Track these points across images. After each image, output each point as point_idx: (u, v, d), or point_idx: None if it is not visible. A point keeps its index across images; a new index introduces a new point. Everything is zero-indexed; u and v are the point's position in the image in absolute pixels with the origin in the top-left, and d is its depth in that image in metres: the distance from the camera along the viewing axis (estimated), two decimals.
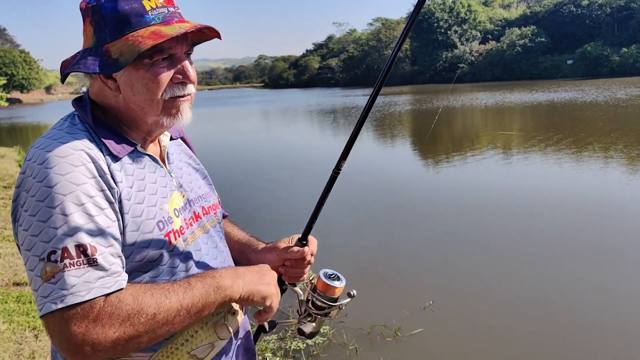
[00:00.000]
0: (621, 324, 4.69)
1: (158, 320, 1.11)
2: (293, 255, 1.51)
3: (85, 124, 1.23)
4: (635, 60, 61.35)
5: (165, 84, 1.23)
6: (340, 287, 1.46)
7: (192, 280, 1.19)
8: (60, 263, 1.06)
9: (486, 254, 6.60)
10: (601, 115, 22.03)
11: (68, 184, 1.10)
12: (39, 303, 1.06)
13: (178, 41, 1.23)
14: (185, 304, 1.15)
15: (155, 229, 1.22)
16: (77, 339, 1.05)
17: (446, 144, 17.66)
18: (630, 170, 11.07)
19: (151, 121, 1.27)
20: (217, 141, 20.43)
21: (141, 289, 1.12)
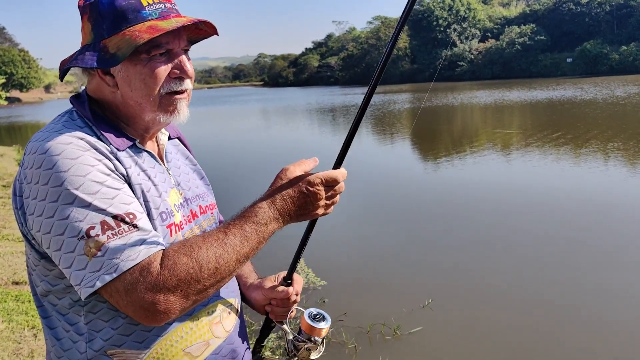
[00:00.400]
0: (622, 323, 4.69)
1: (220, 272, 1.15)
2: (277, 295, 1.49)
3: (84, 119, 1.24)
4: (634, 58, 61.31)
5: (163, 78, 1.23)
6: (325, 327, 1.44)
7: (247, 227, 1.20)
8: (102, 236, 1.08)
9: (485, 252, 6.60)
10: (600, 113, 22.03)
11: (83, 165, 1.12)
12: (91, 279, 1.07)
13: (175, 36, 1.24)
14: (243, 253, 1.18)
15: (159, 219, 1.23)
16: (147, 301, 1.08)
17: (445, 142, 17.66)
18: (630, 168, 11.07)
19: (148, 118, 1.27)
20: (215, 140, 20.41)
21: (194, 245, 1.14)
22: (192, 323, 1.28)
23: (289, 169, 1.30)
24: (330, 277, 5.91)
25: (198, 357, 1.28)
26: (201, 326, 1.30)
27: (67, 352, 1.22)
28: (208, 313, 1.32)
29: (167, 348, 1.24)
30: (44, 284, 1.22)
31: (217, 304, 1.35)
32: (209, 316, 1.32)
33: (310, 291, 5.57)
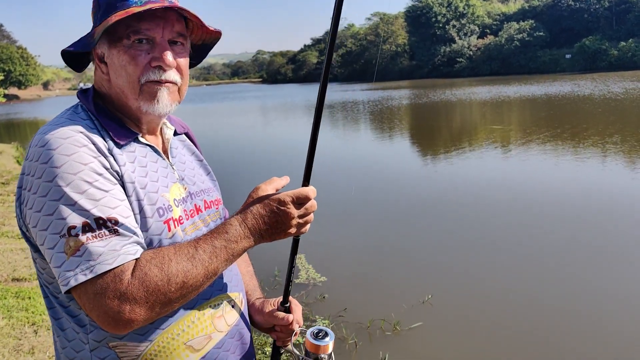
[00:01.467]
0: (620, 322, 4.71)
1: (187, 287, 1.14)
2: (279, 321, 1.51)
3: (88, 112, 1.26)
4: (633, 54, 61.34)
5: (141, 66, 1.24)
6: (329, 343, 1.45)
7: (217, 243, 1.19)
8: (82, 236, 1.08)
9: (484, 248, 6.61)
10: (598, 108, 22.04)
11: (75, 163, 1.13)
12: (65, 277, 1.08)
13: (158, 24, 1.25)
14: (211, 269, 1.17)
15: (155, 214, 1.23)
16: (113, 309, 1.08)
17: (444, 138, 17.67)
18: (631, 164, 11.08)
19: (134, 106, 1.28)
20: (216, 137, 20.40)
21: (165, 257, 1.14)
22: (194, 316, 1.28)
23: (260, 187, 1.30)
24: (330, 274, 5.92)
25: (199, 350, 1.28)
26: (203, 320, 1.30)
27: (71, 342, 1.23)
28: (211, 307, 1.32)
29: (169, 341, 1.24)
30: (44, 277, 1.24)
31: (220, 298, 1.35)
32: (212, 310, 1.32)
33: (310, 287, 5.58)
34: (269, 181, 1.32)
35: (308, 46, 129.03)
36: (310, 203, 1.31)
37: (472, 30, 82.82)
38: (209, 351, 1.30)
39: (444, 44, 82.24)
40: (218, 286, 1.36)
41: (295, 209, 1.27)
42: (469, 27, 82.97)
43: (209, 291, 1.32)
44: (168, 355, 1.24)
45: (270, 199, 1.26)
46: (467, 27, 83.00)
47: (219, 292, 1.36)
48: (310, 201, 1.31)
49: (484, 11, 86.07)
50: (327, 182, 11.15)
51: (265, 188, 1.30)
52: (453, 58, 79.14)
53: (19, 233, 6.96)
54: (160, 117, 1.35)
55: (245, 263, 1.67)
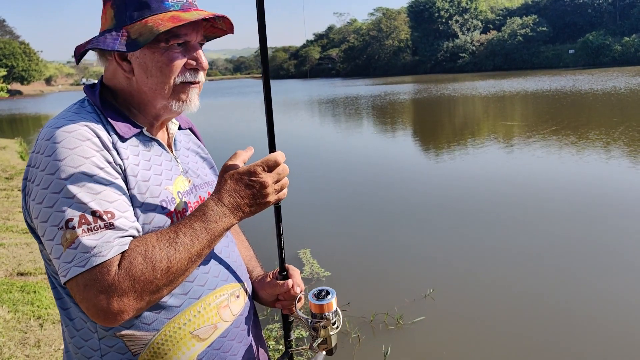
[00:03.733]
0: (621, 318, 4.72)
1: (172, 272, 1.15)
2: (280, 290, 1.52)
3: (94, 106, 1.29)
4: (637, 49, 61.08)
5: (179, 68, 1.28)
6: (332, 301, 1.47)
7: (196, 225, 1.19)
8: (78, 229, 1.10)
9: (486, 242, 6.63)
10: (601, 103, 22.00)
11: (77, 157, 1.15)
12: (64, 269, 1.11)
13: (194, 29, 1.29)
14: (194, 251, 1.18)
15: (158, 207, 1.25)
16: (101, 302, 1.09)
17: (447, 133, 17.66)
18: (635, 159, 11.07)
19: (160, 105, 1.32)
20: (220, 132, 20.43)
21: (148, 245, 1.15)
22: (200, 306, 1.30)
23: (227, 164, 1.30)
24: (334, 268, 5.94)
25: (206, 340, 1.31)
26: (209, 309, 1.32)
27: (79, 331, 1.26)
28: (216, 297, 1.35)
29: (175, 330, 1.26)
30: (52, 267, 1.25)
31: (225, 288, 1.38)
32: (217, 300, 1.35)
33: (314, 282, 5.60)
34: (233, 156, 1.31)
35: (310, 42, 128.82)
36: (281, 167, 1.30)
37: (475, 26, 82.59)
38: (214, 340, 1.33)
39: (446, 39, 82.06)
40: (223, 277, 1.38)
41: (268, 177, 1.27)
42: (472, 22, 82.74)
43: (214, 282, 1.35)
44: (175, 345, 1.26)
45: (240, 172, 1.26)
46: (470, 22, 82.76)
47: (224, 282, 1.38)
48: (280, 165, 1.30)
49: (487, 6, 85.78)
50: (329, 178, 11.17)
51: (232, 164, 1.29)
52: (456, 53, 78.97)
53: (23, 227, 7.00)
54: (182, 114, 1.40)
55: (245, 248, 1.70)
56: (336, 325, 1.49)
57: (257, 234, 1.53)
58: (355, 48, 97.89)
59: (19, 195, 9.32)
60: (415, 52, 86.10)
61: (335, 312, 1.48)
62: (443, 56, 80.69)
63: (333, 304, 1.47)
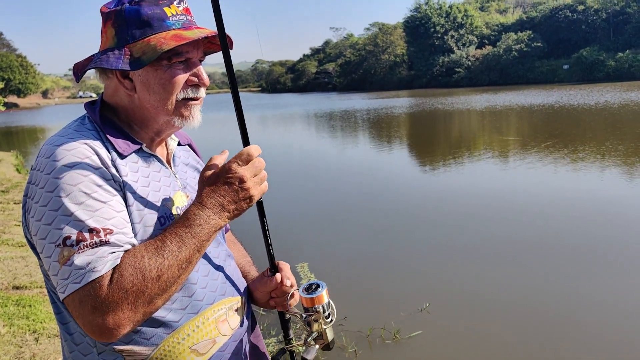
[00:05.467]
0: (619, 330, 4.72)
1: (164, 280, 1.14)
2: (271, 286, 1.51)
3: (94, 123, 1.30)
4: (630, 65, 61.55)
5: (181, 85, 1.30)
6: (322, 293, 1.45)
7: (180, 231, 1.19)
8: (75, 246, 1.11)
9: (482, 256, 6.63)
10: (596, 118, 22.14)
11: (76, 175, 1.16)
12: (61, 286, 1.11)
13: (195, 46, 1.31)
14: (182, 258, 1.17)
15: (157, 223, 1.26)
16: (96, 318, 1.09)
17: (442, 147, 17.72)
18: (628, 174, 11.13)
19: (162, 121, 1.33)
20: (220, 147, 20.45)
21: (137, 255, 1.14)
22: (198, 321, 1.31)
23: (203, 171, 1.30)
24: (330, 282, 5.88)
25: (205, 354, 1.31)
26: (207, 324, 1.33)
27: (78, 346, 1.26)
28: (214, 311, 1.36)
29: (175, 345, 1.27)
30: (51, 283, 1.25)
31: (223, 303, 1.39)
32: (215, 314, 1.36)
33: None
34: (208, 162, 1.31)
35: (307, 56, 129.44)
36: (257, 160, 1.29)
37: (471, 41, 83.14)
38: (213, 354, 1.34)
39: (442, 54, 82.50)
40: (221, 291, 1.39)
41: (244, 170, 1.25)
42: (468, 37, 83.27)
43: (211, 296, 1.36)
44: (174, 359, 1.27)
45: (216, 172, 1.26)
46: (465, 37, 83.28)
47: (222, 296, 1.39)
48: (255, 158, 1.28)
49: (482, 22, 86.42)
50: (326, 190, 11.19)
51: (209, 168, 1.30)
52: (451, 68, 79.37)
53: (19, 241, 6.97)
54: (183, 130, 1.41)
55: (242, 255, 1.71)
56: (330, 318, 1.47)
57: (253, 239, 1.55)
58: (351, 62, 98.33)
59: (15, 208, 9.29)
60: (411, 67, 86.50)
61: (327, 304, 1.46)
62: (439, 71, 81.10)
63: (324, 296, 1.45)
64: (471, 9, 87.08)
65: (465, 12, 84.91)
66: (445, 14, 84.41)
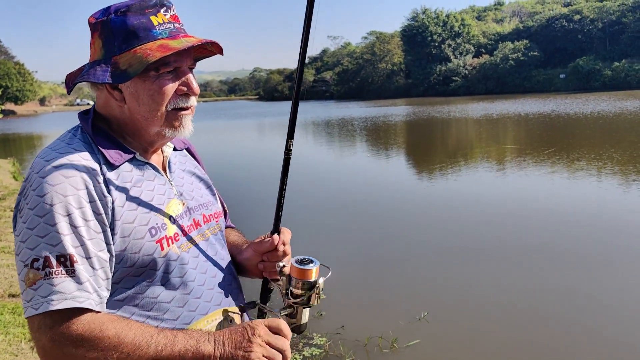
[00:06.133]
0: (620, 335, 4.72)
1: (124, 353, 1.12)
2: (266, 247, 1.47)
3: (86, 134, 1.29)
4: (627, 74, 61.91)
5: (170, 95, 1.28)
6: (314, 268, 1.38)
7: (180, 335, 1.17)
8: (41, 271, 1.10)
9: (479, 263, 6.63)
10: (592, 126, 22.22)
11: (56, 194, 1.14)
12: (24, 306, 1.13)
13: (183, 55, 1.28)
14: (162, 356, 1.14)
15: (147, 235, 1.25)
16: (50, 349, 1.10)
17: (440, 155, 17.75)
18: (624, 181, 11.16)
19: (154, 132, 1.32)
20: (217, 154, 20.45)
21: (127, 325, 1.14)
22: None
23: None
24: (328, 291, 5.88)
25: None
26: None
27: None
28: (207, 322, 1.34)
29: None
30: None
31: (217, 313, 1.37)
32: (209, 325, 1.34)
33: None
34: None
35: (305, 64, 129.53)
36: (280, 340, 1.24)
37: (468, 50, 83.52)
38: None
39: (439, 63, 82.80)
40: (216, 301, 1.37)
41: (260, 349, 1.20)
42: (465, 46, 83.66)
43: (205, 307, 1.33)
44: None
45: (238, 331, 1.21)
46: (462, 46, 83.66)
47: (217, 307, 1.37)
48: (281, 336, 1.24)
49: (479, 31, 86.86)
50: (323, 198, 11.18)
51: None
52: (449, 77, 79.66)
53: None
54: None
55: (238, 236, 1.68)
56: (311, 301, 1.40)
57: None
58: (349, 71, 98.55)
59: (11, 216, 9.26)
60: (409, 76, 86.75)
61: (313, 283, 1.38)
62: (436, 79, 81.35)
63: (314, 272, 1.38)
64: (468, 18, 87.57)
65: (462, 21, 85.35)
66: (443, 23, 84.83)
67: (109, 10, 1.26)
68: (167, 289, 1.27)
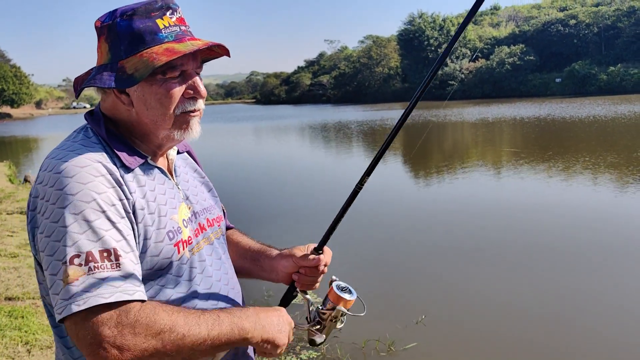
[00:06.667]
0: (617, 334, 4.73)
1: (186, 343, 1.12)
2: (308, 263, 1.55)
3: (98, 136, 1.27)
4: (622, 78, 62.22)
5: (178, 99, 1.27)
6: (351, 300, 1.49)
7: (222, 314, 1.20)
8: (84, 267, 1.08)
9: (477, 267, 6.64)
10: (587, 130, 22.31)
11: (89, 192, 1.13)
12: (60, 306, 1.07)
13: (190, 58, 1.27)
14: (212, 335, 1.16)
15: (166, 238, 1.25)
16: (107, 342, 1.05)
17: (437, 159, 17.78)
18: (619, 184, 11.21)
19: (162, 135, 1.31)
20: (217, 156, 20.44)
21: (175, 309, 1.15)
22: None
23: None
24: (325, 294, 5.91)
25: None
26: None
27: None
28: None
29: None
30: (49, 297, 1.21)
31: None
32: None
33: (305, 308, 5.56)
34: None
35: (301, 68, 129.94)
36: None
37: (464, 54, 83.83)
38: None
39: None
40: (221, 304, 1.38)
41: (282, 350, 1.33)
42: (461, 50, 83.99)
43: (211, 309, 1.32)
44: None
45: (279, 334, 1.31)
46: (459, 50, 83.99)
47: None
48: None
49: (476, 35, 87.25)
50: (319, 202, 11.18)
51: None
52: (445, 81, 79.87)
53: (12, 251, 6.92)
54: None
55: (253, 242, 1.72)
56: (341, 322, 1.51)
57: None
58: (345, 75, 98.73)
59: (8, 219, 9.22)
60: (405, 80, 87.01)
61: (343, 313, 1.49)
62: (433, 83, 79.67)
63: (350, 303, 1.49)
64: None
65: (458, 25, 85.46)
66: (439, 28, 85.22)
67: (115, 14, 1.25)
68: (178, 292, 1.28)
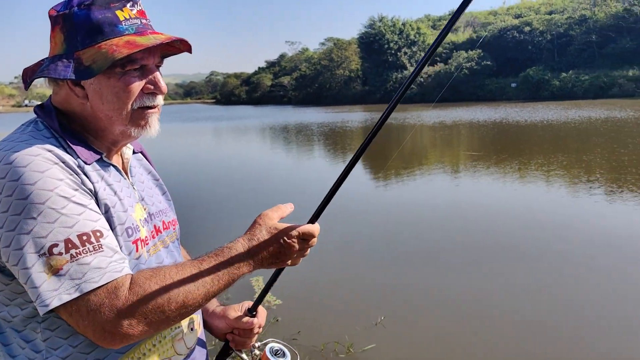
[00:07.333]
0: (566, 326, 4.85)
1: (187, 306, 1.14)
2: (242, 325, 1.53)
3: (50, 130, 1.21)
4: (573, 84, 64.37)
5: (136, 93, 1.22)
6: None
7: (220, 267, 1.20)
8: (66, 254, 1.06)
9: (435, 267, 6.72)
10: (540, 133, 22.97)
11: (50, 179, 1.09)
12: (47, 297, 1.04)
13: (150, 52, 1.23)
14: (212, 292, 1.18)
15: (124, 234, 1.21)
16: (109, 323, 1.06)
17: (395, 161, 17.96)
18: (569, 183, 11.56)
19: (118, 131, 1.26)
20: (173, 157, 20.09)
21: (167, 276, 1.13)
22: (155, 340, 1.27)
23: (267, 214, 1.33)
24: (285, 297, 5.87)
25: None
26: (164, 343, 1.29)
27: None
28: (171, 329, 1.31)
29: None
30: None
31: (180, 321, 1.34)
32: (172, 332, 1.32)
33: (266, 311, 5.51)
34: (275, 208, 1.36)
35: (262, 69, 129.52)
36: (312, 240, 1.35)
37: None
38: None
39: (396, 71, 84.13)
40: None
41: (298, 244, 1.30)
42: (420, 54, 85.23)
43: None
44: None
45: (278, 230, 1.29)
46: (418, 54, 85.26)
47: None
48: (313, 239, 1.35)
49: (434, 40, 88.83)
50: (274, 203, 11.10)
51: (272, 215, 1.33)
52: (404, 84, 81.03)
53: None
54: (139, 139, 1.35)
55: None
56: None
57: None
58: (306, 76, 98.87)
59: None
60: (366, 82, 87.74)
61: None
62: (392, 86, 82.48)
63: None
64: (423, 27, 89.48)
65: (417, 30, 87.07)
66: (399, 31, 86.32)
67: (71, 3, 1.19)
68: None
